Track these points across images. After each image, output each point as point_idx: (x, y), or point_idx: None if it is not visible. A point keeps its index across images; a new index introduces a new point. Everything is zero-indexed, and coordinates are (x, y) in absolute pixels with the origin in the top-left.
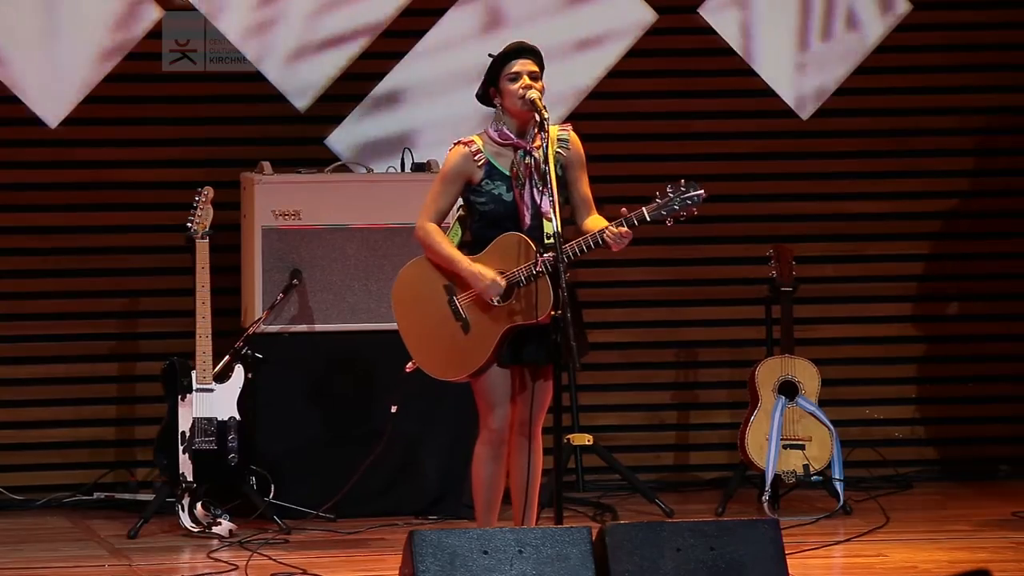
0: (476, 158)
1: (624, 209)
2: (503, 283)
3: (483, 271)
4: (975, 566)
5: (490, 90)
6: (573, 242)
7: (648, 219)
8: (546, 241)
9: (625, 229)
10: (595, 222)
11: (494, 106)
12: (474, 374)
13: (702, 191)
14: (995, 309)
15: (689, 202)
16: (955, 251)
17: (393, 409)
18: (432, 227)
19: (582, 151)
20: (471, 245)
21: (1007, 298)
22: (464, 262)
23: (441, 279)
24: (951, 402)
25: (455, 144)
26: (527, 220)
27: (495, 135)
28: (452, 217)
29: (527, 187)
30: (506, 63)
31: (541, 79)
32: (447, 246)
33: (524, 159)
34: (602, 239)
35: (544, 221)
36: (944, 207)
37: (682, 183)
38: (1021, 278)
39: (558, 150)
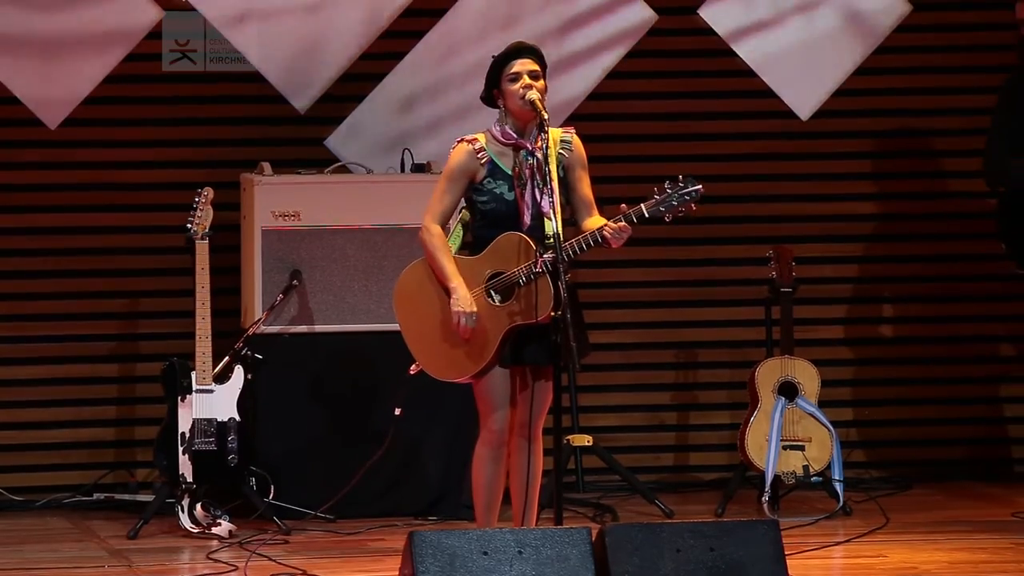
0: (480, 156)
1: (624, 206)
2: (473, 316)
3: (464, 299)
4: (975, 566)
5: (493, 91)
6: (572, 240)
7: (647, 215)
8: (546, 241)
9: (624, 224)
10: (595, 222)
11: (498, 107)
12: (477, 375)
13: (700, 187)
14: (995, 310)
15: (687, 198)
16: (955, 252)
17: (397, 412)
18: (435, 231)
19: (584, 154)
20: (472, 245)
21: (1007, 299)
22: (453, 280)
23: None
24: (951, 403)
25: (459, 142)
26: (528, 220)
27: (498, 134)
28: (454, 220)
29: (529, 187)
30: (506, 63)
31: (543, 78)
32: (442, 257)
33: (527, 159)
34: (601, 236)
35: (545, 221)
36: (944, 208)
37: (680, 179)
38: (1020, 279)
39: (561, 151)
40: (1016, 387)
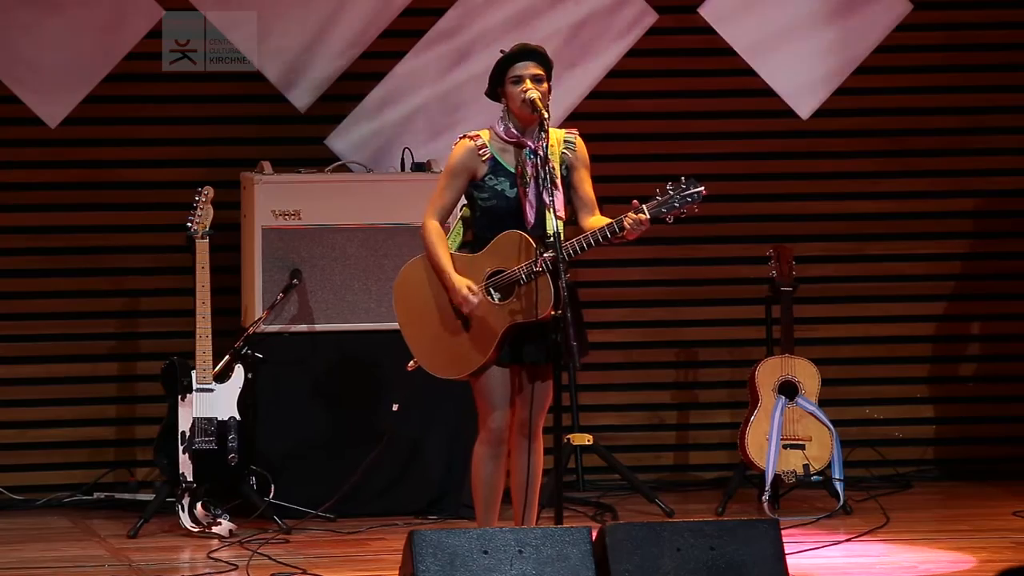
0: (481, 152)
1: (635, 202)
2: (475, 299)
3: (460, 283)
4: (975, 566)
5: (497, 90)
6: (588, 233)
7: (648, 216)
8: (547, 240)
9: (643, 216)
10: (597, 221)
11: (502, 104)
12: (475, 373)
13: (702, 188)
14: (995, 309)
15: (690, 199)
16: (955, 251)
17: (395, 407)
18: (433, 227)
19: (587, 155)
20: (473, 244)
21: (1007, 298)
22: (447, 273)
23: None
24: (951, 402)
25: (461, 138)
26: (531, 218)
27: (501, 132)
28: (455, 217)
29: (532, 185)
30: (510, 65)
31: (547, 80)
32: (439, 252)
33: (529, 158)
34: (620, 227)
35: (547, 219)
36: (944, 207)
37: (683, 180)
38: (1021, 278)
39: (564, 151)
40: (1016, 386)
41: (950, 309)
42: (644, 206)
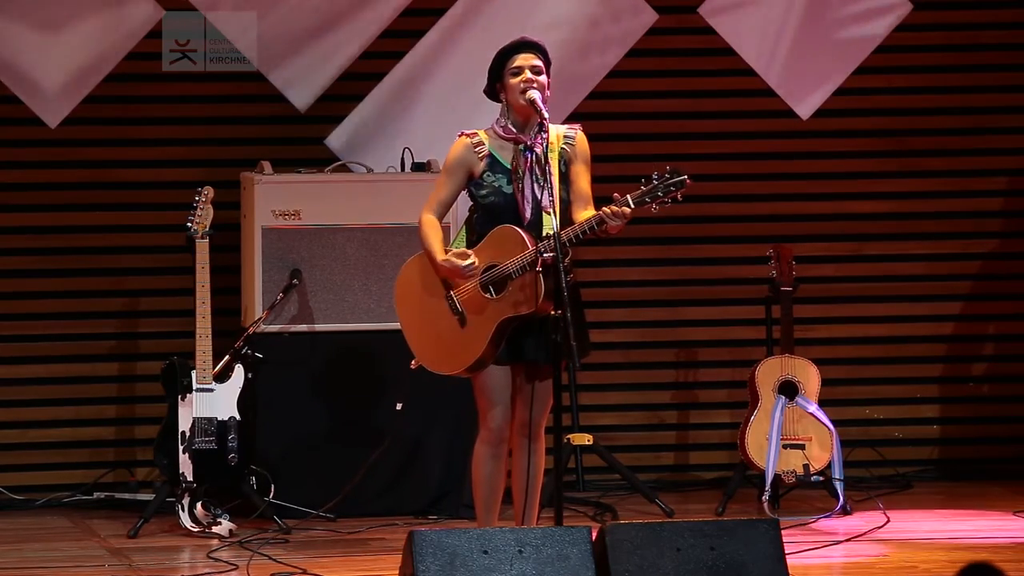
0: (477, 149)
1: (616, 195)
2: (474, 260)
3: (453, 258)
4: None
5: (496, 85)
6: (568, 228)
7: (632, 205)
8: (544, 239)
9: (625, 210)
10: (588, 215)
11: (500, 101)
12: (471, 368)
13: (685, 177)
14: (996, 309)
15: (672, 188)
16: (954, 251)
17: (398, 407)
18: (427, 219)
19: (588, 150)
20: (475, 244)
21: (1007, 298)
22: (439, 252)
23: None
24: (951, 402)
25: (459, 136)
26: (528, 215)
27: (499, 130)
28: (457, 223)
29: (527, 181)
30: (509, 57)
31: (546, 74)
32: (431, 239)
33: (524, 154)
34: (598, 221)
35: (543, 216)
36: (944, 207)
37: (667, 169)
38: (1020, 278)
39: (563, 146)
40: (1017, 386)
41: (950, 309)
42: (628, 196)
